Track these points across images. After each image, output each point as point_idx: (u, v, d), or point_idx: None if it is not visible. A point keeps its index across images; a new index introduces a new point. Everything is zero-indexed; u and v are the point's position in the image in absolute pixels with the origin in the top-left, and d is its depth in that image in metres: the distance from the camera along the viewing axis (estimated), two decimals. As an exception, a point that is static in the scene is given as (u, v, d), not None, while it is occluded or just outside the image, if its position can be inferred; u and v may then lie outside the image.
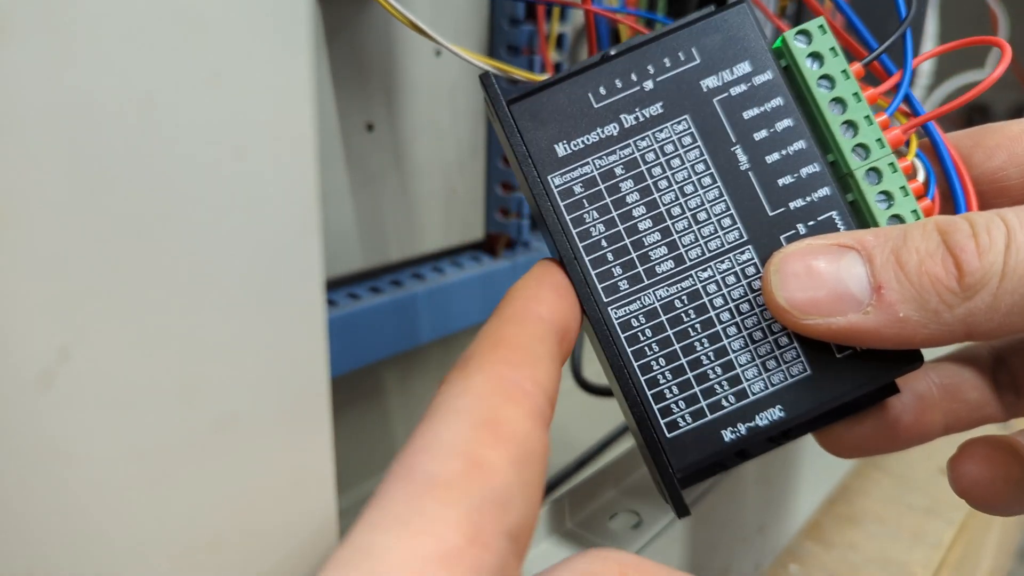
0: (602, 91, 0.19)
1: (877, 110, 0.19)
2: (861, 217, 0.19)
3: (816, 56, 0.19)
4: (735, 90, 0.19)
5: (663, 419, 0.19)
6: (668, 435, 0.19)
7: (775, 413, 0.19)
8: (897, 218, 0.19)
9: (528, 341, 0.16)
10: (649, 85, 0.19)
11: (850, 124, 0.19)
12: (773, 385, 0.19)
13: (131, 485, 0.13)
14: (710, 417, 0.19)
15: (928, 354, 0.21)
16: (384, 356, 0.30)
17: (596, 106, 0.19)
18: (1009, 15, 0.54)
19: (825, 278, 0.17)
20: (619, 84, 0.19)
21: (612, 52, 0.19)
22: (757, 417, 0.19)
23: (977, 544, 0.51)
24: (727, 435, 0.19)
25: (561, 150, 0.19)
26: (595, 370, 0.29)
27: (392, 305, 0.29)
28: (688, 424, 0.19)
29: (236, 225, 0.14)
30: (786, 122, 0.19)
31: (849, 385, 0.19)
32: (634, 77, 0.19)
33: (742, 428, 0.19)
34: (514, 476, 0.14)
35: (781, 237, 0.19)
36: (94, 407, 0.12)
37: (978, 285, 0.16)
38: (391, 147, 0.29)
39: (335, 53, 0.26)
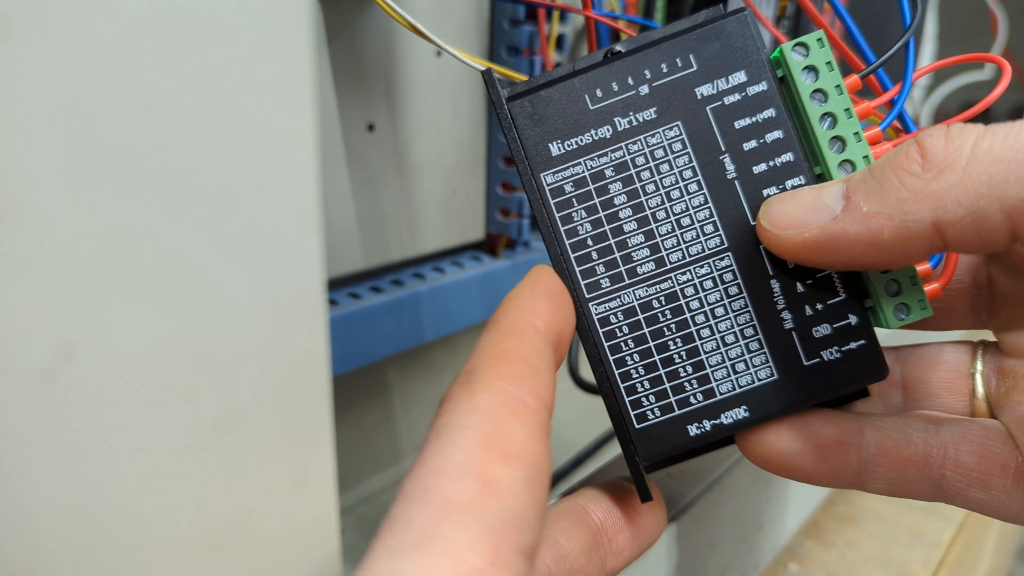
0: (599, 93, 0.19)
1: (870, 124, 0.19)
2: None
3: (811, 69, 0.19)
4: (729, 99, 0.19)
5: (633, 411, 0.20)
6: (637, 426, 0.20)
7: (740, 413, 0.20)
8: None
9: (528, 355, 0.16)
10: (645, 89, 0.19)
11: (838, 139, 0.19)
12: (741, 387, 0.20)
13: (132, 483, 0.13)
14: (678, 412, 0.20)
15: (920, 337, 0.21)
16: (385, 355, 0.30)
17: (592, 107, 0.19)
18: (1008, 15, 0.54)
19: (805, 198, 0.18)
20: (615, 87, 0.19)
21: (619, 49, 0.19)
22: (723, 415, 0.20)
23: (976, 544, 0.51)
24: (692, 430, 0.20)
25: (555, 149, 0.19)
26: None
27: (393, 305, 0.29)
28: (657, 417, 0.20)
29: (238, 225, 0.14)
30: (776, 134, 0.19)
31: (812, 392, 0.19)
32: (631, 81, 0.19)
33: (707, 424, 0.20)
34: (527, 496, 0.14)
35: (761, 246, 0.19)
36: (97, 405, 0.13)
37: (942, 164, 0.16)
38: (392, 147, 0.29)
39: (336, 53, 0.26)
